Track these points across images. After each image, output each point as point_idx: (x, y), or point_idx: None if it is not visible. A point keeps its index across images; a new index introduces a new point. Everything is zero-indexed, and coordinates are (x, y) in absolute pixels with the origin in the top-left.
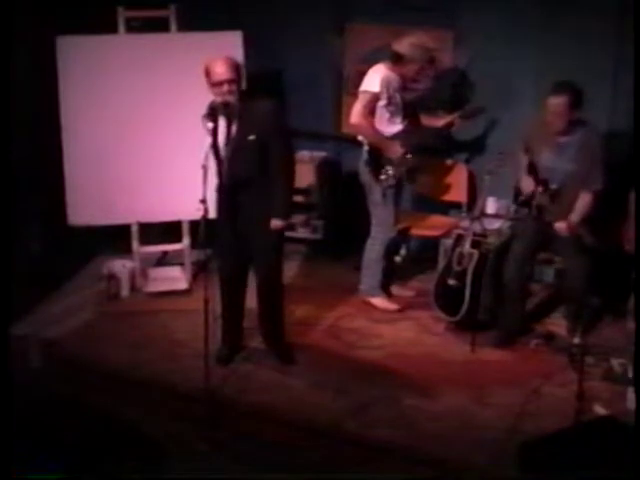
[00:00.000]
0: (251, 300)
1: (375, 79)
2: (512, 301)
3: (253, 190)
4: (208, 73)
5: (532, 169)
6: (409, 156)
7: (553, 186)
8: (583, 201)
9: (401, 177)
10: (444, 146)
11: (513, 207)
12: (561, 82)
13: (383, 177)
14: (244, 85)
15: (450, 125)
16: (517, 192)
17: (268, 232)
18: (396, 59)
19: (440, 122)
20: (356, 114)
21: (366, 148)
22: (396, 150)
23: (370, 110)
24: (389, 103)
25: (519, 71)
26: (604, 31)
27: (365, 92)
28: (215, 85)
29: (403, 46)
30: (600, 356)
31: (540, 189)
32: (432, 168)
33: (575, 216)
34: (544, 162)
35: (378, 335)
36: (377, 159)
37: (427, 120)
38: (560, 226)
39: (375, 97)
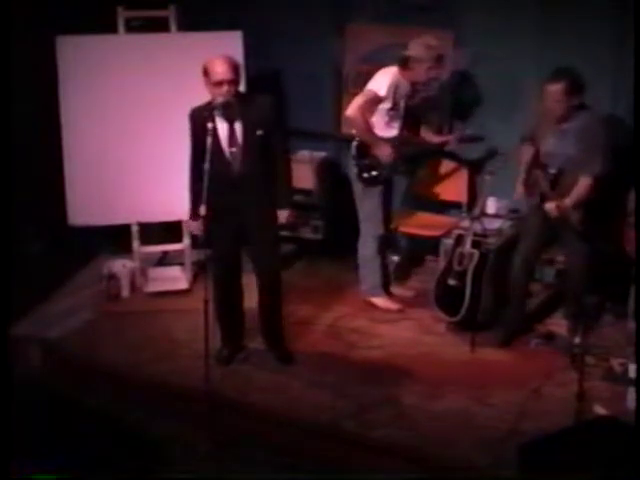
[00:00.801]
0: (249, 300)
1: (384, 82)
2: (515, 301)
3: (254, 187)
4: (207, 73)
5: (536, 159)
6: (398, 161)
7: (552, 170)
8: (581, 185)
9: (385, 178)
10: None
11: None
12: (559, 69)
13: (365, 175)
14: (243, 85)
15: (445, 143)
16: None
17: (269, 229)
18: (404, 63)
19: (437, 139)
20: (354, 107)
21: (355, 143)
22: (385, 150)
23: (369, 108)
24: (392, 108)
25: (520, 71)
26: (604, 30)
27: (370, 91)
28: (215, 85)
29: (418, 48)
30: (600, 356)
31: (540, 174)
32: (432, 168)
33: (570, 199)
34: (546, 148)
35: (378, 335)
36: (364, 156)
37: (425, 134)
38: (550, 207)
39: (378, 99)
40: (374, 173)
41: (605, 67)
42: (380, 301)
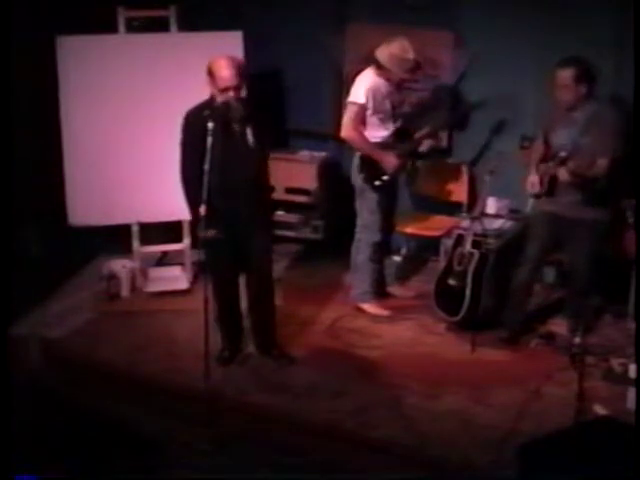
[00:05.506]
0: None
1: (361, 89)
2: (518, 302)
3: (253, 187)
4: (213, 76)
5: (546, 155)
6: (412, 163)
7: (562, 154)
8: (600, 165)
9: (396, 183)
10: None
11: (531, 201)
12: (568, 57)
13: (377, 183)
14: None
15: (421, 140)
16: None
17: (265, 229)
18: (379, 65)
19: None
20: (345, 127)
21: (358, 154)
22: (390, 161)
23: (360, 121)
24: (376, 111)
25: (519, 71)
26: (604, 31)
27: (352, 104)
28: (221, 90)
29: (383, 55)
30: (600, 356)
31: (547, 167)
32: (432, 168)
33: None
34: (557, 140)
35: (378, 335)
36: (371, 165)
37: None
38: (562, 172)
39: (362, 108)
40: (385, 178)
41: (605, 67)
42: (369, 307)
